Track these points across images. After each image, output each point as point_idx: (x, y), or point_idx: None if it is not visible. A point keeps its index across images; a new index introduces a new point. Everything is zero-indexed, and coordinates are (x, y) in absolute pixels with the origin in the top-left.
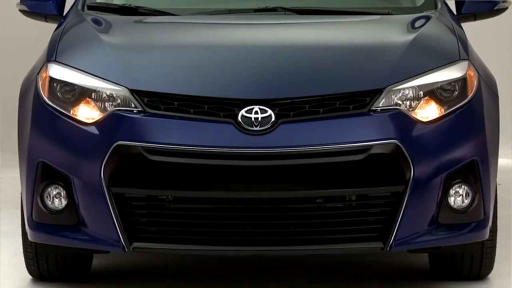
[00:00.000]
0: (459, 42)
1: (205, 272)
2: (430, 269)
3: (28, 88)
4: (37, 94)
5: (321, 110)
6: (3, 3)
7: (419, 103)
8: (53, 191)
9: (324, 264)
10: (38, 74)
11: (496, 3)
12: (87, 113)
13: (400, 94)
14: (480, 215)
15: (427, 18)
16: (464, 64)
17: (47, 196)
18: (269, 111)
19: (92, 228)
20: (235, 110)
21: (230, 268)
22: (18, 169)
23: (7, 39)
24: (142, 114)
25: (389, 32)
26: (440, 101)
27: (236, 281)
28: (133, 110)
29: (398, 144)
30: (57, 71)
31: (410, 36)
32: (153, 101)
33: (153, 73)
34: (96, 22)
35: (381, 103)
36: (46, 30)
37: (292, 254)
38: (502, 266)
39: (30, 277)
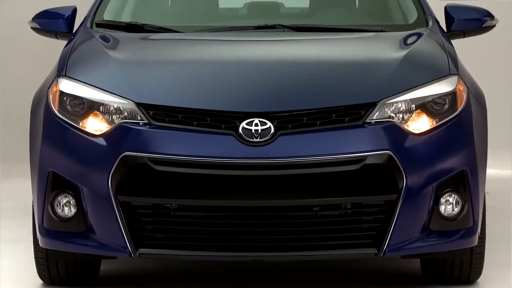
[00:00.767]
0: (449, 58)
1: (208, 277)
2: (422, 274)
3: (40, 101)
4: (48, 107)
5: (318, 122)
6: (15, 21)
7: (411, 116)
8: (63, 199)
9: (319, 269)
10: (49, 88)
11: (484, 21)
12: (95, 125)
13: (393, 107)
14: (469, 223)
15: (419, 35)
16: (454, 79)
17: (57, 204)
18: (269, 123)
19: (100, 235)
20: (236, 122)
21: (232, 273)
22: (30, 178)
23: (19, 54)
24: (147, 126)
25: (382, 48)
26: (431, 114)
27: (237, 285)
28: (139, 123)
29: (391, 155)
30: (67, 86)
31: (403, 52)
32: (158, 114)
33: (158, 87)
34: (104, 38)
35: (375, 115)
36: (56, 46)
37: (290, 260)
38: (490, 271)
39: (41, 282)
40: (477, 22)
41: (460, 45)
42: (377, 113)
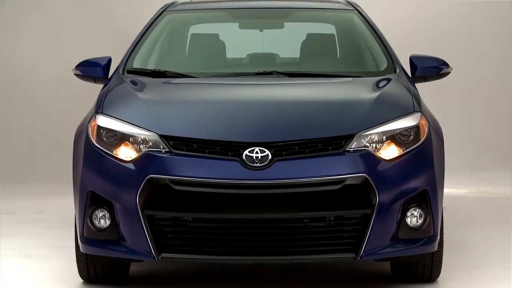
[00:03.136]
0: (413, 98)
1: (217, 276)
2: (391, 274)
3: (81, 133)
4: (87, 138)
5: (307, 150)
6: (63, 69)
7: (382, 145)
8: (100, 213)
9: (307, 271)
10: (88, 123)
11: (441, 69)
12: (126, 153)
13: (368, 138)
14: (430, 232)
15: (388, 80)
16: (417, 115)
17: (95, 217)
18: (267, 151)
19: (129, 242)
20: (240, 150)
21: (237, 273)
22: (73, 196)
23: (65, 95)
24: (168, 154)
25: (359, 91)
26: (399, 144)
27: (240, 282)
28: (161, 151)
29: (366, 177)
30: (103, 121)
31: (375, 94)
32: (177, 143)
33: (177, 122)
34: (133, 83)
35: (353, 145)
36: (94, 89)
37: (285, 263)
38: (448, 272)
39: (82, 280)
40: (436, 70)
41: (422, 87)
42: (355, 143)
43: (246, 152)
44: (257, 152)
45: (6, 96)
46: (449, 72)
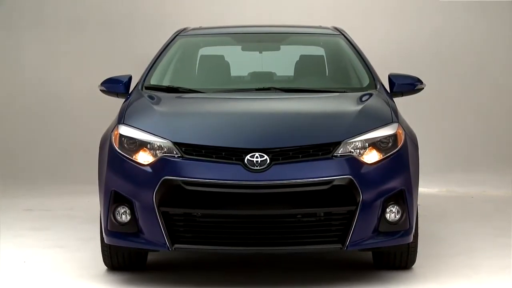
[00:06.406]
0: (391, 110)
1: (222, 264)
2: (373, 262)
3: (105, 141)
4: (111, 145)
5: (300, 155)
6: (90, 86)
7: (365, 151)
8: (121, 209)
9: (298, 260)
10: (112, 131)
11: (416, 85)
12: (144, 158)
13: (352, 145)
14: (406, 226)
15: (370, 95)
16: (395, 125)
17: (117, 213)
18: (266, 156)
19: (147, 235)
20: (243, 155)
21: (239, 262)
22: (94, 196)
23: (92, 108)
24: (181, 158)
25: (345, 104)
26: (379, 150)
27: (242, 270)
28: (174, 156)
29: (351, 178)
30: (124, 130)
31: (359, 107)
32: (188, 149)
33: (189, 131)
34: (151, 97)
35: (340, 151)
36: (117, 102)
37: (281, 252)
38: (422, 260)
39: (106, 267)
40: (411, 86)
41: (399, 101)
42: (341, 149)
43: (248, 157)
44: (257, 157)
45: (43, 110)
46: (423, 88)
